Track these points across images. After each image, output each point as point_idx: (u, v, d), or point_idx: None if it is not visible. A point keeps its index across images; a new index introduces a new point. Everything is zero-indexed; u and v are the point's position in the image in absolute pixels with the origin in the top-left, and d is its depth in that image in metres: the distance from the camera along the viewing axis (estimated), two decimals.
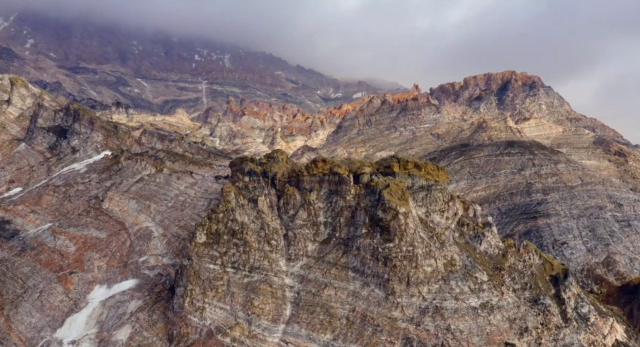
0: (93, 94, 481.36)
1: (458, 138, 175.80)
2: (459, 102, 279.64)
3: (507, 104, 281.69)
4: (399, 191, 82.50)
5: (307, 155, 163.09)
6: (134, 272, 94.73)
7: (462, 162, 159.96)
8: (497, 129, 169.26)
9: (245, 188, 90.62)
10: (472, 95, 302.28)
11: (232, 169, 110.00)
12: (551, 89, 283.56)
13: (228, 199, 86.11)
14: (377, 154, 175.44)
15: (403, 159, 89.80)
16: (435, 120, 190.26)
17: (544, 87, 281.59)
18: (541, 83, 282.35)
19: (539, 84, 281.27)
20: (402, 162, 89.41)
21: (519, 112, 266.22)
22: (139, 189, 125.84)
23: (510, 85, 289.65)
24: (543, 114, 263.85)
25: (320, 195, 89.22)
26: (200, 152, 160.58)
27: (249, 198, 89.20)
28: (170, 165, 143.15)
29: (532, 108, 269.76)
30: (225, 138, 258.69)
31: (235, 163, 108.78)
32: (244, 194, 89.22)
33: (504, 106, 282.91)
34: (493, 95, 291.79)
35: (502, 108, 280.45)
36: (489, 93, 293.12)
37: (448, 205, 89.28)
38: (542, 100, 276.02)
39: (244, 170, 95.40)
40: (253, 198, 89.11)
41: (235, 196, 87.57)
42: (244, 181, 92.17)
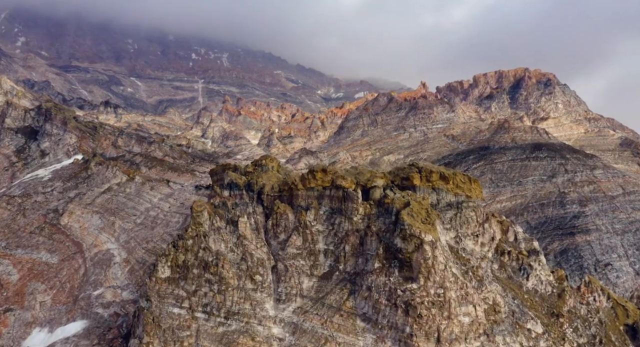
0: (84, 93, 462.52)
1: (476, 140, 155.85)
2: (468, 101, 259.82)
3: (521, 103, 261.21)
4: (422, 211, 62.60)
5: (305, 159, 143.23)
6: (85, 311, 74.87)
7: (483, 167, 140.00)
8: (521, 130, 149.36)
9: (223, 206, 70.73)
10: (482, 94, 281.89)
11: (212, 179, 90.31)
12: (567, 87, 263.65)
13: (199, 220, 66.24)
14: (384, 157, 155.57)
15: (426, 168, 69.92)
16: (449, 120, 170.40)
17: (560, 85, 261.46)
18: (557, 81, 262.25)
19: (554, 82, 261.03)
20: (424, 173, 69.55)
21: (534, 112, 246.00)
22: (105, 201, 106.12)
23: (523, 83, 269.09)
24: (560, 114, 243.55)
25: (320, 215, 69.42)
26: (183, 156, 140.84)
27: (228, 219, 69.32)
28: (146, 172, 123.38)
29: (548, 107, 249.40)
30: (218, 139, 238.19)
31: (216, 171, 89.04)
32: (221, 213, 69.33)
33: (517, 105, 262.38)
34: (505, 93, 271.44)
35: (515, 107, 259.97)
36: (500, 91, 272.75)
37: (483, 227, 69.43)
38: (559, 99, 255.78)
39: (224, 182, 75.60)
40: (232, 219, 69.22)
41: (210, 216, 67.70)
42: (221, 197, 72.33)
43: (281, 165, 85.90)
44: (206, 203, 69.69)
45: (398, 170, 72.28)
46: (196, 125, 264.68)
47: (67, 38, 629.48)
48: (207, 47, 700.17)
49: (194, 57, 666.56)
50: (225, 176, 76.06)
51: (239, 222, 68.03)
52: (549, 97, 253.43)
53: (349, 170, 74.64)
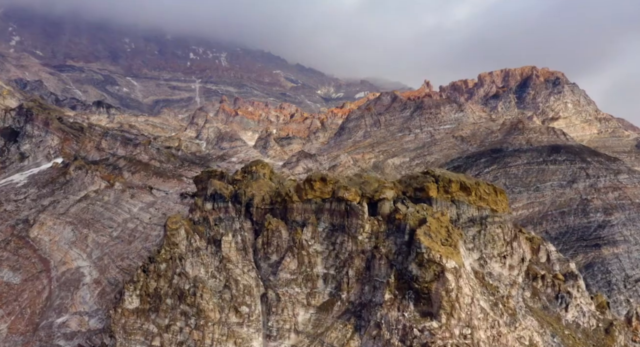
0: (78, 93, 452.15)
1: (487, 142, 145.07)
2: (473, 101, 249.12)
3: (528, 103, 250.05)
4: (442, 229, 51.81)
5: (304, 163, 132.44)
6: (44, 344, 64.07)
7: (496, 171, 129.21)
8: (536, 131, 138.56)
9: (204, 222, 59.93)
10: (487, 93, 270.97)
11: (197, 187, 79.58)
12: (576, 86, 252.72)
13: (174, 240, 55.44)
14: (388, 160, 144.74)
15: (443, 177, 59.07)
16: (458, 121, 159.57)
17: (569, 84, 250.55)
18: (565, 79, 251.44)
19: (563, 81, 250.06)
20: (442, 182, 58.72)
21: (543, 112, 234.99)
22: (80, 211, 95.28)
23: (530, 82, 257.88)
24: (569, 114, 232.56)
25: (318, 232, 58.62)
26: (171, 159, 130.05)
27: (209, 238, 58.50)
28: (129, 177, 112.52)
29: (557, 107, 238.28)
30: (213, 141, 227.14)
31: (200, 179, 78.24)
32: (201, 231, 58.52)
33: (524, 105, 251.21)
34: (512, 92, 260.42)
35: (523, 107, 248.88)
36: (507, 90, 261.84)
37: (511, 246, 58.62)
38: (568, 98, 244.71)
39: (207, 193, 64.78)
40: (215, 238, 58.41)
41: (187, 234, 56.89)
42: (203, 211, 61.48)
43: (275, 172, 75.13)
44: (184, 219, 58.86)
45: (410, 179, 61.41)
46: (190, 126, 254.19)
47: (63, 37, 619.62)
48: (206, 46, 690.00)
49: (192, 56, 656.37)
50: (208, 186, 65.26)
51: (223, 241, 57.18)
52: (558, 97, 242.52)
53: (353, 179, 63.85)
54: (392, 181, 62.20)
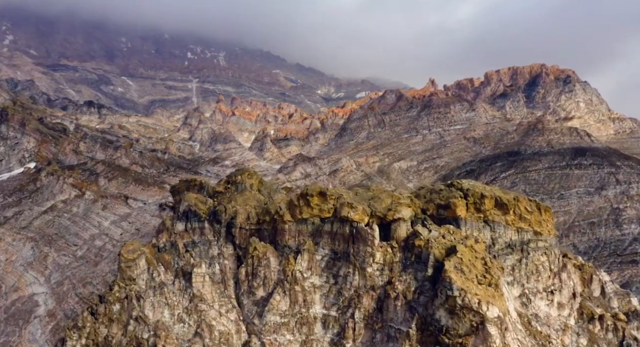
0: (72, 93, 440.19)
1: (502, 143, 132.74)
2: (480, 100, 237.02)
3: (538, 102, 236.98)
4: (477, 262, 39.49)
5: (302, 167, 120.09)
6: None
7: (513, 176, 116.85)
8: (557, 132, 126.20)
9: (172, 248, 47.57)
10: (495, 92, 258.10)
11: (174, 200, 67.41)
12: (588, 85, 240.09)
13: (131, 274, 43.13)
14: (394, 164, 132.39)
15: (474, 191, 46.68)
16: (469, 120, 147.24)
17: (580, 83, 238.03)
18: (577, 77, 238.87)
19: (574, 79, 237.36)
20: (472, 197, 46.36)
21: (554, 111, 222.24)
22: (44, 224, 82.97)
23: (540, 80, 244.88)
24: (581, 113, 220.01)
25: (316, 261, 46.34)
26: (155, 164, 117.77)
27: (178, 269, 46.18)
28: (105, 184, 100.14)
29: (568, 106, 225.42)
30: (206, 142, 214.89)
31: (178, 189, 66.11)
32: (168, 261, 46.19)
33: (533, 104, 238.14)
34: (520, 91, 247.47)
35: (532, 106, 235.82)
36: (515, 89, 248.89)
37: (559, 278, 46.34)
38: (580, 97, 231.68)
39: (179, 210, 52.47)
40: (185, 269, 46.09)
41: (149, 266, 44.55)
42: (172, 233, 49.13)
43: (265, 182, 62.82)
44: (145, 245, 46.52)
45: (431, 193, 49.05)
46: (183, 127, 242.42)
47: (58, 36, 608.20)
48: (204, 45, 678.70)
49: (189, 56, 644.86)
50: (181, 201, 52.94)
51: (194, 274, 44.86)
52: (569, 96, 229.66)
53: (359, 193, 51.49)
54: (409, 194, 49.79)
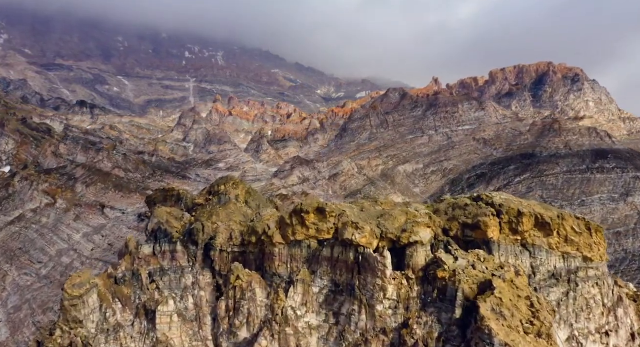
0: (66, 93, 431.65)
1: (515, 145, 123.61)
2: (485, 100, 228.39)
3: (545, 101, 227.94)
4: (521, 303, 30.32)
5: (299, 171, 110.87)
6: None
7: (529, 181, 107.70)
8: (575, 132, 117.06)
9: (133, 278, 38.33)
10: (500, 91, 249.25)
11: (150, 211, 58.23)
12: (597, 83, 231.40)
13: (77, 314, 33.88)
14: (399, 168, 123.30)
15: (509, 208, 37.44)
16: (479, 120, 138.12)
17: (589, 81, 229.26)
18: (585, 76, 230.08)
19: (583, 77, 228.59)
20: (506, 215, 37.13)
21: (562, 111, 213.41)
22: (8, 237, 73.73)
23: (547, 79, 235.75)
24: (591, 113, 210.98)
25: (313, 294, 37.13)
26: (140, 167, 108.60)
27: (139, 306, 36.93)
28: (82, 190, 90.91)
29: (577, 106, 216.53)
30: (201, 144, 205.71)
31: (154, 200, 57.01)
32: (126, 295, 36.92)
33: (540, 103, 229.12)
34: (527, 90, 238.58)
35: (539, 106, 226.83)
36: (521, 88, 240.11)
37: (615, 315, 37.14)
38: (589, 97, 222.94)
39: (147, 229, 43.29)
40: (148, 306, 36.84)
41: (102, 303, 35.30)
42: (136, 258, 39.91)
43: (253, 192, 53.57)
44: (99, 276, 37.31)
45: (454, 208, 39.87)
46: (177, 128, 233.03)
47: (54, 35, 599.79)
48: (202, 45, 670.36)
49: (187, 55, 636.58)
50: (151, 217, 43.78)
51: (159, 313, 35.66)
52: (578, 95, 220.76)
53: (365, 208, 42.30)
54: (426, 210, 40.54)
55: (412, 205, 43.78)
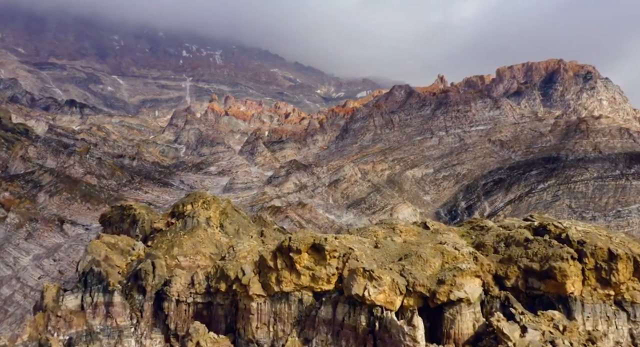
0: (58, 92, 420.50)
1: (536, 147, 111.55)
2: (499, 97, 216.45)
3: (556, 100, 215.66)
4: None
5: (296, 177, 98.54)
6: None
7: (555, 188, 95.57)
8: (605, 133, 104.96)
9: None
10: (508, 90, 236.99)
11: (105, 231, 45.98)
12: (610, 81, 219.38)
13: None
14: (406, 173, 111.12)
15: (594, 246, 25.29)
16: (494, 120, 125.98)
17: (602, 79, 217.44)
18: (597, 74, 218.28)
19: (595, 75, 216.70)
20: (592, 257, 24.91)
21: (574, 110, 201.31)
22: None
23: (558, 77, 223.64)
24: (605, 112, 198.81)
25: None
26: (117, 173, 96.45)
27: None
28: (44, 201, 78.70)
29: (590, 105, 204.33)
30: (192, 145, 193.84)
31: (109, 219, 44.88)
32: None
33: (551, 102, 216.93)
34: (536, 89, 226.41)
35: (549, 105, 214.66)
36: (530, 86, 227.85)
37: None
38: (602, 95, 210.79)
39: (78, 270, 31.05)
40: None
41: None
42: (48, 318, 27.68)
43: (234, 211, 41.25)
44: None
45: (509, 242, 27.70)
46: (169, 128, 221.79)
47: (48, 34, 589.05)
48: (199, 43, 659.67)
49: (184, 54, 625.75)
50: (83, 254, 31.52)
51: None
52: (591, 93, 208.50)
53: (380, 238, 30.22)
54: (468, 246, 28.37)
55: (445, 234, 31.78)
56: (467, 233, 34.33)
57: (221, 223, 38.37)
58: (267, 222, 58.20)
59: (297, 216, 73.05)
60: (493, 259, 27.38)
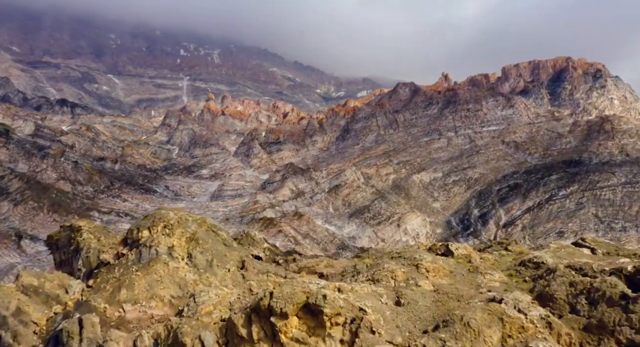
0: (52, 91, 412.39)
1: (555, 149, 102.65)
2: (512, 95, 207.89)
3: (564, 99, 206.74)
4: None
5: (292, 183, 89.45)
6: None
7: (578, 195, 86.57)
8: (632, 134, 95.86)
9: None
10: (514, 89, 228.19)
11: (54, 258, 37.03)
12: (620, 80, 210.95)
13: None
14: (413, 177, 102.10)
15: None
16: (507, 120, 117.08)
17: (612, 77, 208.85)
18: (607, 72, 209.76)
19: (605, 73, 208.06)
20: None
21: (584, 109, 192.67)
22: None
23: (566, 75, 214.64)
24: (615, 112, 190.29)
25: None
26: (94, 178, 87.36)
27: None
28: (7, 211, 69.55)
29: (601, 104, 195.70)
30: (186, 146, 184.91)
31: (56, 242, 35.78)
32: None
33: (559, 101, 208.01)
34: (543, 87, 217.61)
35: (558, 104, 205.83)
36: (537, 85, 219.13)
37: None
38: (613, 94, 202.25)
39: None
40: None
41: None
42: None
43: (204, 238, 32.14)
44: None
45: (593, 297, 18.70)
46: (161, 128, 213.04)
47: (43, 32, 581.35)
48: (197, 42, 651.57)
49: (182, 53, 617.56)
50: None
51: None
52: (601, 92, 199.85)
53: (400, 281, 21.31)
54: (528, 296, 19.33)
55: (488, 275, 22.92)
56: (517, 271, 25.32)
57: (189, 253, 29.34)
58: (255, 240, 49.17)
59: (293, 229, 64.06)
60: (573, 325, 18.50)
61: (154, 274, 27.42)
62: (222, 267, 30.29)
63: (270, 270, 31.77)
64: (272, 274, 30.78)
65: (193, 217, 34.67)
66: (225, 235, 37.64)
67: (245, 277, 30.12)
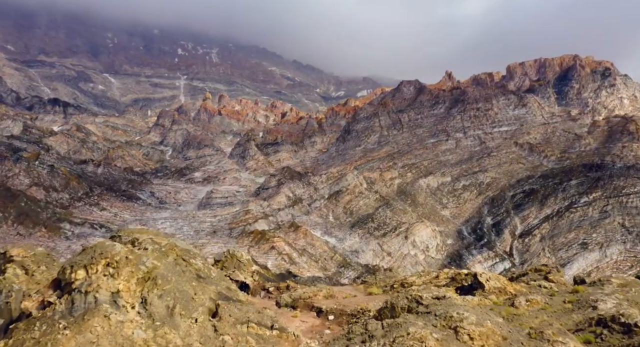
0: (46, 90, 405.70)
1: (573, 152, 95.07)
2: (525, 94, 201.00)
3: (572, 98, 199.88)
4: None
5: (289, 189, 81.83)
6: None
7: (602, 202, 79.01)
8: None
9: None
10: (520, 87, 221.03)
11: None
12: (629, 78, 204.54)
13: None
14: (420, 181, 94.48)
15: None
16: (520, 120, 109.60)
17: (621, 76, 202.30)
18: (616, 70, 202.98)
19: (614, 72, 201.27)
20: None
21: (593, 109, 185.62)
22: None
23: (574, 73, 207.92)
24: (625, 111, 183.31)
25: None
26: (72, 184, 79.77)
27: None
28: None
29: (610, 103, 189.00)
30: (179, 147, 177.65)
31: None
32: None
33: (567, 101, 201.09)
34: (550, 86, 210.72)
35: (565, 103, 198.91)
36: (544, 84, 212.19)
37: None
38: (622, 93, 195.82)
39: None
40: None
41: None
42: None
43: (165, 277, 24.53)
44: None
45: None
46: (155, 129, 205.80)
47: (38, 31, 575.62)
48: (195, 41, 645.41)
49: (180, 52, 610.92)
50: None
51: None
52: (610, 91, 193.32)
53: None
54: None
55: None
56: (597, 336, 17.84)
57: (143, 297, 21.63)
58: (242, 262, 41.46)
59: (288, 245, 56.34)
60: None
61: (89, 333, 19.99)
62: (187, 316, 22.81)
63: (251, 318, 24.41)
64: (253, 325, 23.45)
65: (158, 242, 27.18)
66: (201, 264, 30.02)
67: (218, 329, 22.82)
